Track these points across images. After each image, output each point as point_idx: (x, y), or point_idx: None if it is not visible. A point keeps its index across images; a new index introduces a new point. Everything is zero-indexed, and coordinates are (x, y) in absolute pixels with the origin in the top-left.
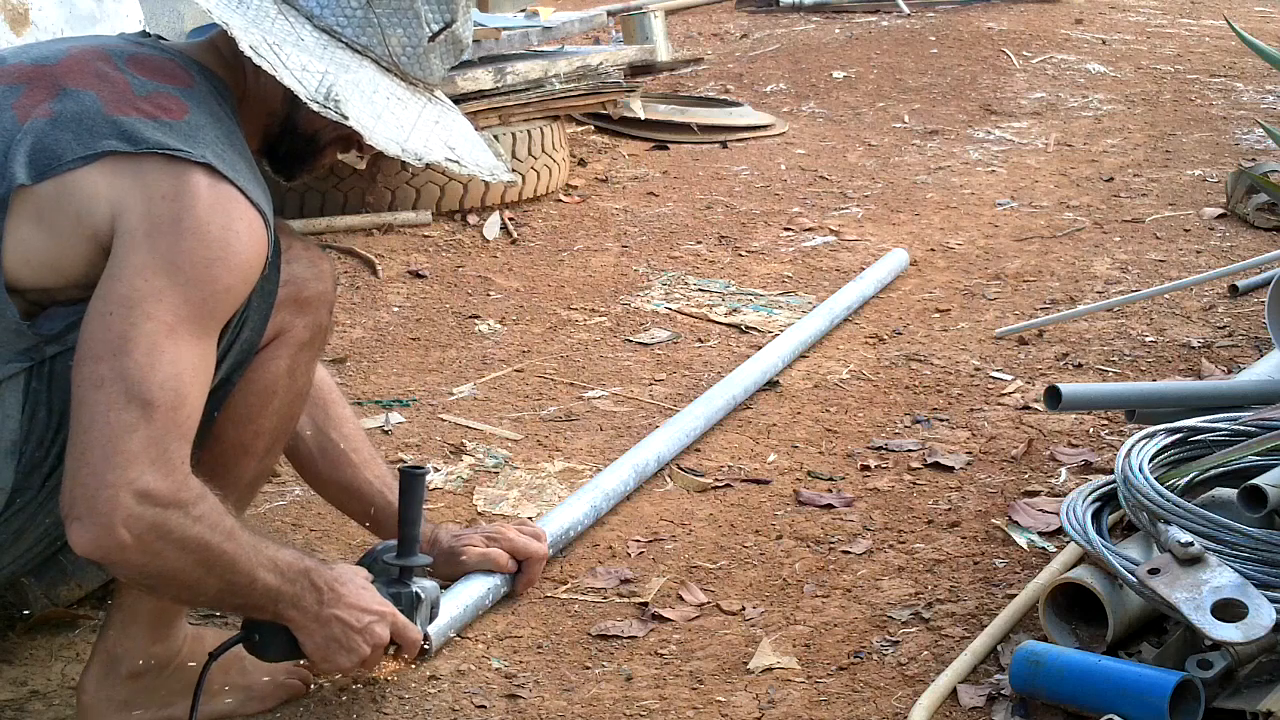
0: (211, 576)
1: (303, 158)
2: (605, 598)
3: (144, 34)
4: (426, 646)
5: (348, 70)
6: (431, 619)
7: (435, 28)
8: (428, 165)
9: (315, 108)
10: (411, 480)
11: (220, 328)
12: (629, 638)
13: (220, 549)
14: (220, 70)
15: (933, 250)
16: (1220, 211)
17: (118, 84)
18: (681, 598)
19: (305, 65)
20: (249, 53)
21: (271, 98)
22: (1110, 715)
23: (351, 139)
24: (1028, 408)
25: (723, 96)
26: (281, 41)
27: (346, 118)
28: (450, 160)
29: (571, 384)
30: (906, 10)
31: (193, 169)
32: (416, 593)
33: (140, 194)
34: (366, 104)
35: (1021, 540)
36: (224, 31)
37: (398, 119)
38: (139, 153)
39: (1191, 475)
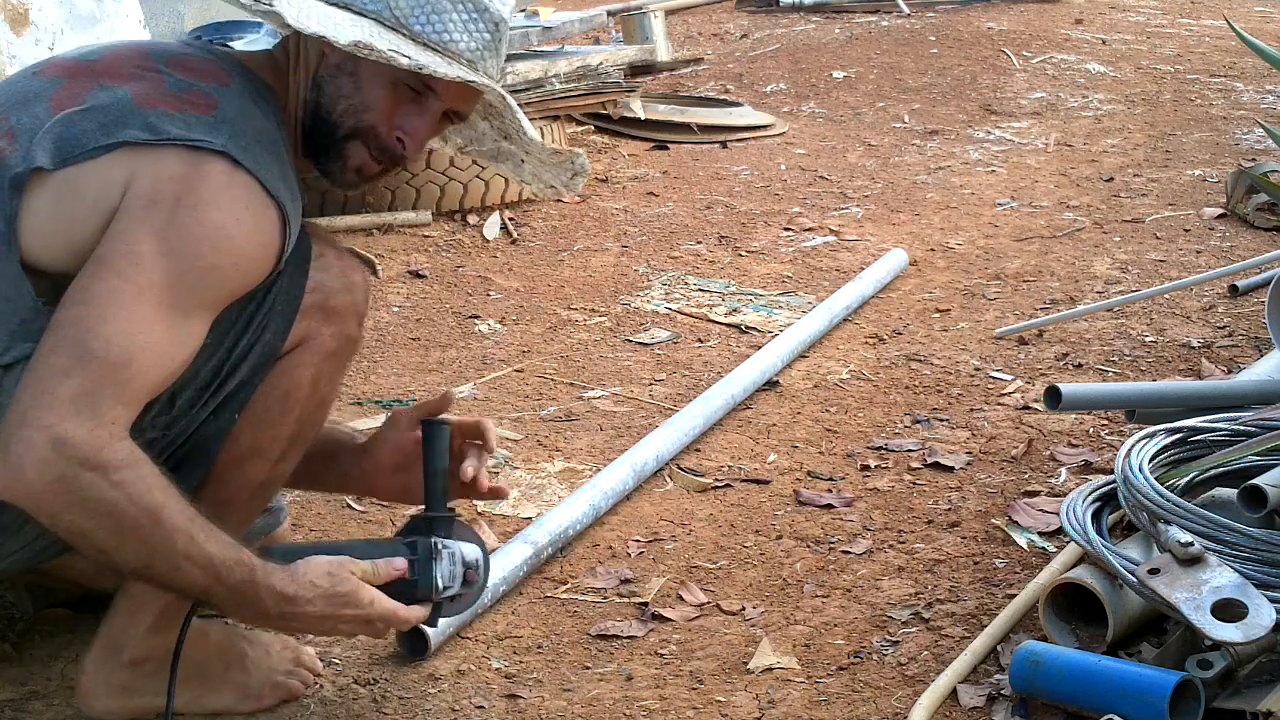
0: (126, 550)
1: (329, 150)
2: (605, 598)
3: (198, 39)
4: (439, 599)
5: (338, 20)
6: (470, 579)
7: None
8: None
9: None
10: (432, 430)
11: (204, 311)
12: (629, 638)
13: (135, 523)
14: (268, 75)
15: (933, 250)
16: (1220, 211)
17: (152, 81)
18: (681, 598)
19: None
20: None
21: (304, 87)
22: (1110, 715)
23: (369, 133)
24: (1028, 408)
25: (723, 96)
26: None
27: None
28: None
29: (571, 384)
30: (906, 10)
31: (209, 157)
32: (435, 543)
33: (150, 174)
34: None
35: (1021, 540)
36: (281, 42)
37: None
38: (158, 142)
39: (1191, 475)
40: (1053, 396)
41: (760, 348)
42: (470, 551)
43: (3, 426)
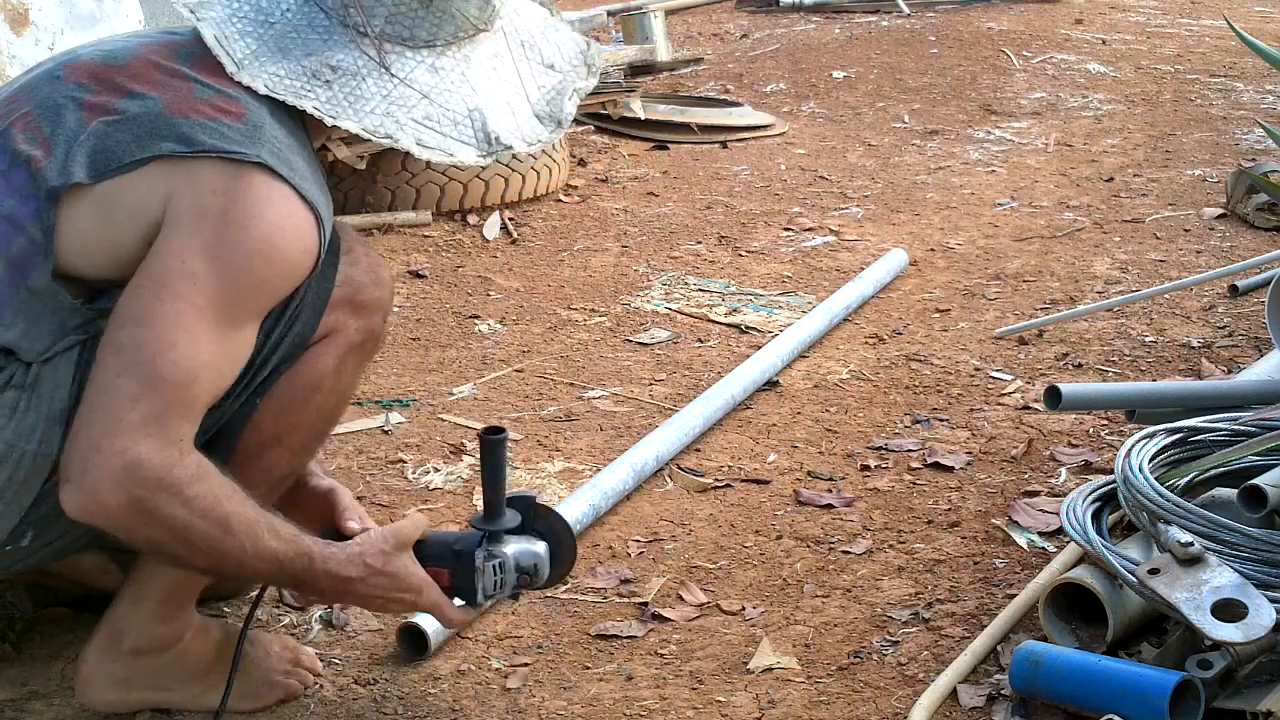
0: (197, 556)
1: None
2: (605, 598)
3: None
4: (492, 597)
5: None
6: (524, 584)
7: None
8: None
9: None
10: (489, 443)
11: (253, 321)
12: (629, 638)
13: (206, 535)
14: None
15: (933, 250)
16: (1220, 211)
17: (180, 87)
18: (681, 598)
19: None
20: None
21: None
22: (1110, 715)
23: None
24: (1028, 408)
25: (723, 96)
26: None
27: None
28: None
29: (571, 384)
30: (906, 10)
31: (247, 168)
32: (478, 556)
33: (191, 188)
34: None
35: (1021, 540)
36: None
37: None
38: (194, 154)
39: (1191, 475)
40: (1053, 396)
41: (760, 348)
42: (528, 556)
43: (75, 450)
